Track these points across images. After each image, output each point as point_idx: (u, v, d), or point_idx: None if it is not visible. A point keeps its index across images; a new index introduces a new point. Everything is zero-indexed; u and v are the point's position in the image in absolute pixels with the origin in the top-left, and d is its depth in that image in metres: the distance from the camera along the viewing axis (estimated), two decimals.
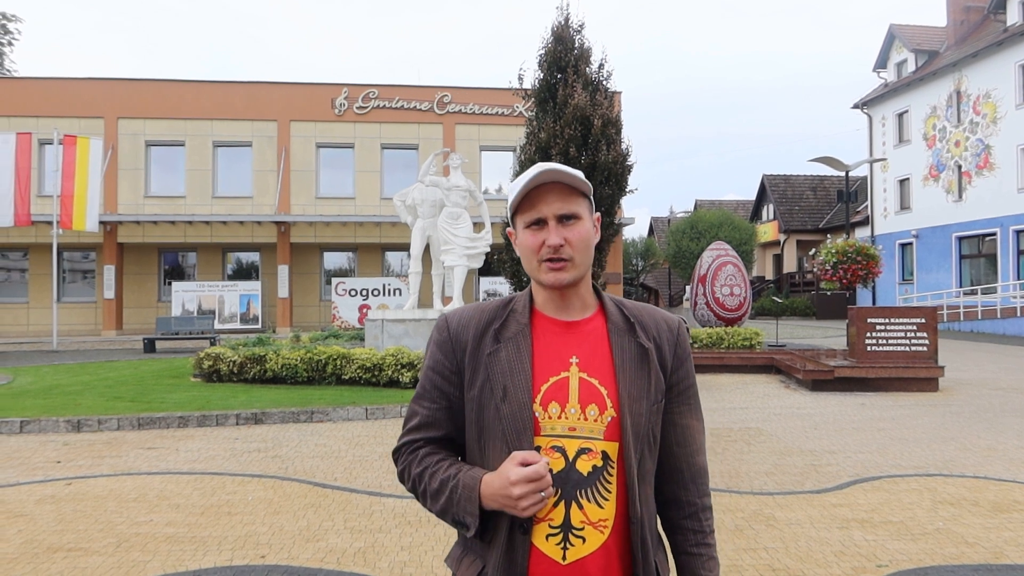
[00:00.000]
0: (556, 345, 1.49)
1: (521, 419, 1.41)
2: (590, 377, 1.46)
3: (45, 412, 9.06)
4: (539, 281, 1.50)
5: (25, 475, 6.47)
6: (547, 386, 1.44)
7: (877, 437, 7.98)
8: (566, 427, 1.42)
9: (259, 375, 11.51)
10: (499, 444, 1.43)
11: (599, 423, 1.43)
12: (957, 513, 5.17)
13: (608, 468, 1.42)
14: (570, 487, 1.40)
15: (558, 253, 1.45)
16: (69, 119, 25.71)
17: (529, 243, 1.48)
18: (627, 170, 14.11)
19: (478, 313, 1.54)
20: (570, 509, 1.40)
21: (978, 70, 26.86)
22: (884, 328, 11.70)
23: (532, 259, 1.48)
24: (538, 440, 1.42)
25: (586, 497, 1.40)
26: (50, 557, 4.39)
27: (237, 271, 28.80)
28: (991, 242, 26.52)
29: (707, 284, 17.26)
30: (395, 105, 27.72)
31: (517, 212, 1.51)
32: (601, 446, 1.42)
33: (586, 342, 1.50)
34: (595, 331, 1.51)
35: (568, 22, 14.53)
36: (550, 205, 1.46)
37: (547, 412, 1.43)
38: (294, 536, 4.74)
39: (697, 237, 34.38)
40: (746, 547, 4.52)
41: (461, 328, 1.52)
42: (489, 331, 1.50)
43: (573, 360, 1.47)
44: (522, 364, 1.45)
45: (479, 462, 1.47)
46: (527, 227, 1.49)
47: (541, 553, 1.39)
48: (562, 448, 1.41)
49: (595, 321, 1.53)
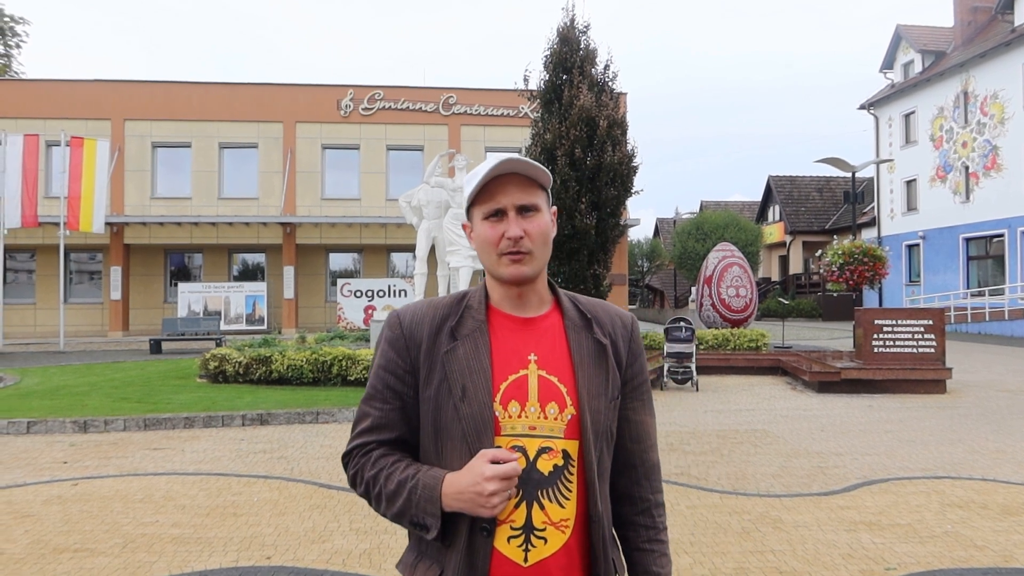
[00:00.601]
0: (514, 342, 1.45)
1: (482, 419, 1.38)
2: (549, 375, 1.43)
3: (52, 413, 9.08)
4: (498, 275, 1.46)
5: (32, 475, 6.49)
6: (506, 384, 1.41)
7: (884, 439, 7.94)
8: (526, 426, 1.39)
9: (265, 376, 11.53)
10: (458, 444, 1.39)
11: (559, 421, 1.40)
12: (966, 516, 5.14)
13: (569, 467, 1.40)
14: (531, 487, 1.37)
15: (518, 246, 1.42)
16: (76, 121, 25.80)
17: (488, 235, 1.44)
18: (633, 171, 14.08)
19: (432, 309, 1.50)
20: (531, 510, 1.37)
21: (986, 71, 26.75)
22: (891, 330, 11.65)
23: (491, 252, 1.44)
24: (498, 440, 1.38)
25: (547, 497, 1.38)
26: (56, 558, 4.39)
27: (243, 272, 28.86)
28: (999, 243, 26.40)
29: (713, 285, 17.22)
30: (400, 106, 27.75)
31: (474, 203, 1.47)
32: (561, 445, 1.40)
33: (544, 339, 1.47)
34: (552, 327, 1.48)
35: (574, 23, 14.52)
36: (510, 196, 1.43)
37: (507, 411, 1.39)
38: (300, 537, 4.74)
39: (703, 238, 34.33)
40: (753, 549, 4.50)
41: (415, 325, 1.47)
42: (444, 328, 1.46)
43: (531, 357, 1.44)
44: (481, 362, 1.41)
45: (435, 463, 1.43)
46: (485, 219, 1.45)
47: (502, 556, 1.36)
48: (523, 448, 1.38)
49: (552, 317, 1.50)
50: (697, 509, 5.32)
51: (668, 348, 12.12)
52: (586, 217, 13.05)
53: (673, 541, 4.65)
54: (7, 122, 24.97)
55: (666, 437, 8.08)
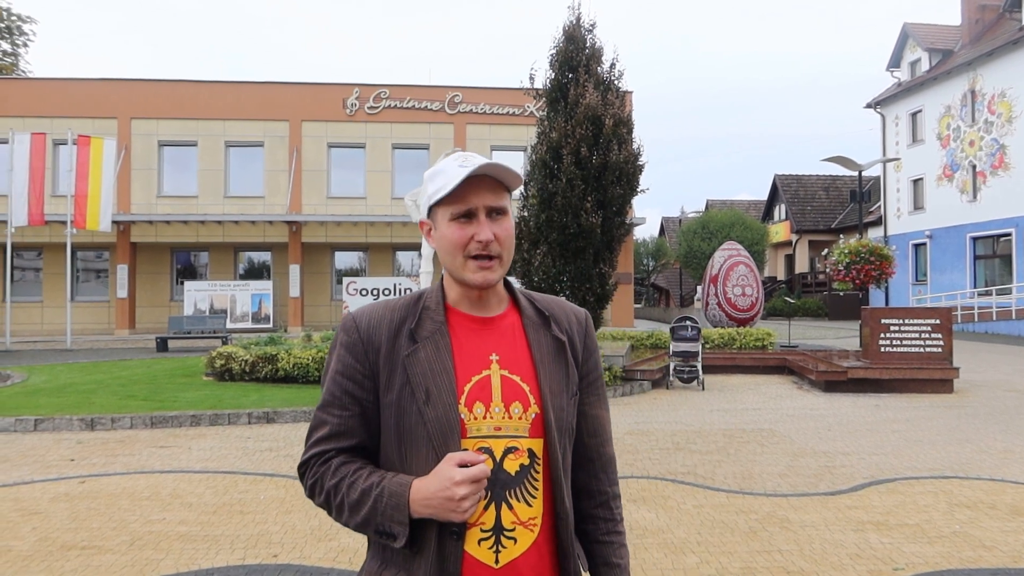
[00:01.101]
0: (475, 343, 1.43)
1: (448, 421, 1.35)
2: (511, 374, 1.41)
3: (59, 410, 9.12)
4: (464, 280, 1.42)
5: (39, 473, 6.51)
6: (470, 386, 1.39)
7: (892, 439, 7.92)
8: (492, 427, 1.38)
9: (271, 374, 11.54)
10: (423, 449, 1.36)
11: (524, 420, 1.39)
12: (974, 516, 5.12)
13: (535, 465, 1.40)
14: (499, 488, 1.36)
15: (487, 249, 1.39)
16: (83, 119, 25.86)
17: (456, 237, 1.40)
18: (639, 170, 14.04)
19: (389, 311, 1.46)
20: (500, 511, 1.36)
21: (993, 69, 26.63)
22: (898, 329, 11.61)
23: (457, 255, 1.41)
24: (465, 443, 1.36)
25: (515, 497, 1.37)
26: (64, 555, 4.40)
27: (249, 270, 28.91)
28: (1006, 242, 26.29)
29: (719, 284, 17.19)
30: (406, 105, 27.75)
31: (441, 203, 1.42)
32: (527, 444, 1.39)
33: (504, 338, 1.45)
34: (511, 327, 1.47)
35: (580, 21, 14.48)
36: (481, 197, 1.39)
37: (472, 413, 1.37)
38: (306, 535, 4.74)
39: (708, 237, 34.27)
40: (760, 549, 4.48)
41: (372, 328, 1.43)
42: (403, 330, 1.42)
43: (493, 357, 1.42)
44: (443, 364, 1.39)
45: (398, 469, 1.39)
46: (453, 219, 1.41)
47: (473, 559, 1.34)
48: (489, 449, 1.37)
49: (510, 316, 1.49)
50: (703, 508, 5.31)
51: (674, 347, 12.11)
52: (592, 216, 13.01)
53: (680, 540, 4.64)
54: (14, 121, 25.04)
55: (672, 436, 8.06)
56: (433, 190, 1.42)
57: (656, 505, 5.40)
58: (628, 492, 5.70)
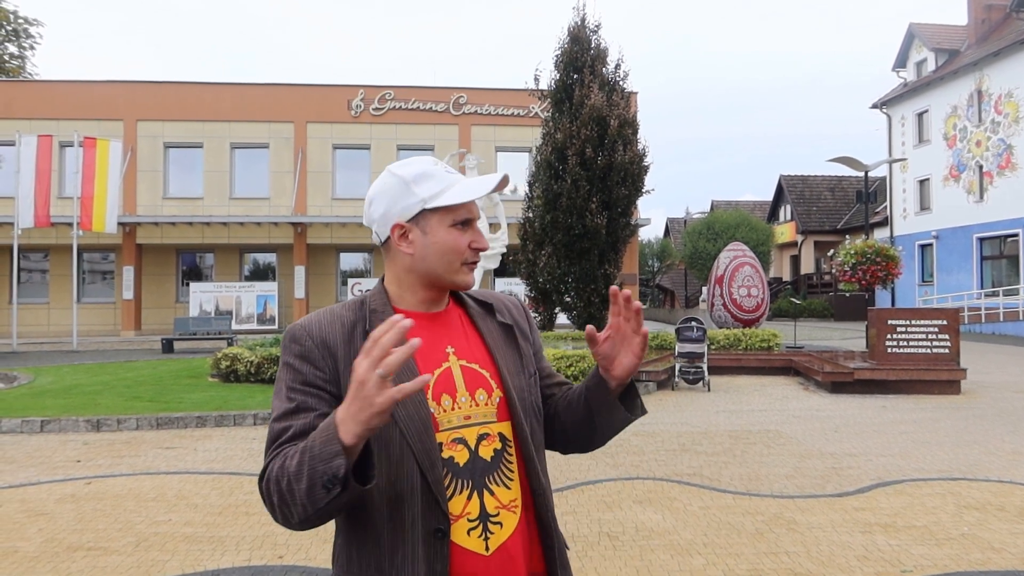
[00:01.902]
0: (429, 338, 1.43)
1: (420, 418, 1.35)
2: (469, 363, 1.45)
3: (65, 412, 9.13)
4: (453, 282, 1.47)
5: (46, 474, 6.52)
6: (433, 380, 1.40)
7: (899, 440, 7.88)
8: (461, 416, 1.40)
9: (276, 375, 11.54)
10: (396, 450, 1.33)
11: (490, 406, 1.43)
12: (982, 518, 5.09)
13: (507, 448, 1.43)
14: (479, 476, 1.38)
15: (477, 256, 1.48)
16: (89, 121, 25.95)
17: (455, 243, 1.44)
18: (643, 171, 14.05)
19: (336, 317, 1.44)
20: (483, 498, 1.37)
21: (1000, 69, 26.54)
22: (905, 330, 11.56)
23: (455, 260, 1.44)
24: (439, 436, 1.37)
25: (495, 482, 1.39)
26: (70, 556, 4.41)
27: (254, 272, 28.96)
28: (1013, 243, 26.18)
29: (724, 285, 17.14)
30: (411, 106, 27.79)
31: (439, 209, 1.42)
32: (496, 428, 1.43)
33: (455, 331, 1.49)
34: (458, 319, 1.52)
35: (584, 22, 14.49)
36: (475, 207, 1.48)
37: (441, 406, 1.39)
38: (311, 536, 4.74)
39: (714, 238, 34.22)
40: (767, 551, 4.46)
41: (325, 334, 1.40)
42: (356, 333, 1.41)
43: (449, 350, 1.45)
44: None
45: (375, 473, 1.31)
46: (453, 226, 1.44)
47: (464, 550, 1.34)
48: (463, 439, 1.39)
49: (455, 310, 1.54)
50: (710, 510, 5.29)
51: (679, 348, 12.08)
52: (597, 217, 13.01)
53: (686, 542, 4.62)
54: (21, 123, 25.14)
55: (678, 438, 8.04)
56: (429, 194, 1.42)
57: (662, 507, 5.38)
58: (634, 493, 5.68)
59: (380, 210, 1.46)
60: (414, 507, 1.33)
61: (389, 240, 1.46)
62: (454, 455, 1.38)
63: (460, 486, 1.37)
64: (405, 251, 1.44)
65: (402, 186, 1.44)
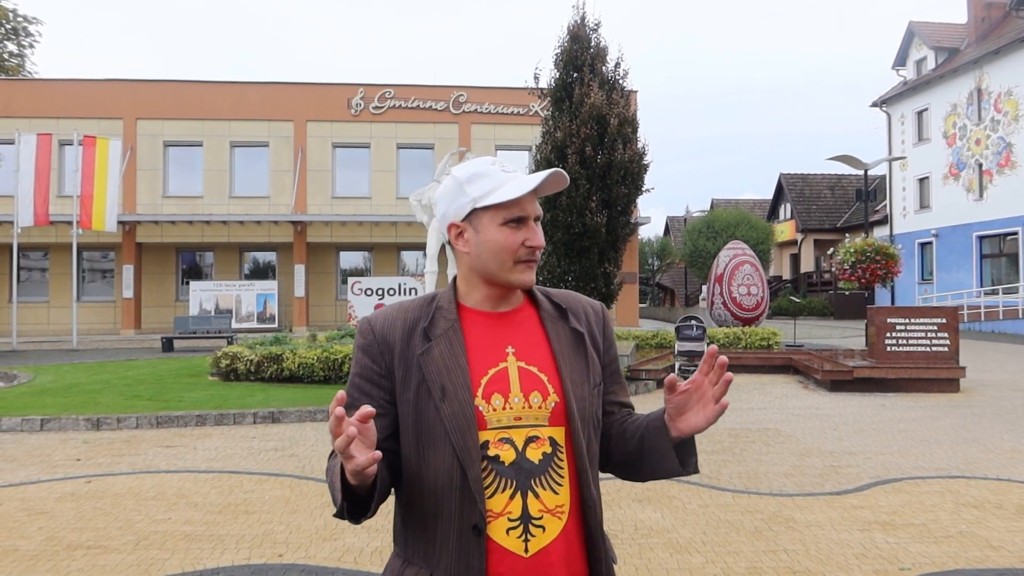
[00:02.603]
0: (489, 337, 1.46)
1: (464, 416, 1.37)
2: (528, 365, 1.45)
3: (65, 410, 9.14)
4: (508, 281, 1.46)
5: (46, 473, 6.53)
6: (486, 379, 1.41)
7: (898, 438, 7.89)
8: (511, 417, 1.40)
9: (276, 374, 11.56)
10: (441, 445, 1.37)
11: (543, 410, 1.42)
12: (981, 516, 5.10)
13: (558, 454, 1.41)
14: (524, 477, 1.38)
15: (533, 255, 1.45)
16: (89, 120, 25.94)
17: (507, 242, 1.44)
18: (643, 169, 14.03)
19: (402, 312, 1.50)
20: (527, 499, 1.37)
21: (999, 67, 26.53)
22: (904, 328, 11.57)
23: (507, 259, 1.44)
24: (485, 434, 1.38)
25: (541, 485, 1.38)
26: (70, 554, 4.41)
27: (254, 270, 28.96)
28: (1013, 241, 26.19)
29: (724, 284, 17.15)
30: (411, 105, 27.78)
31: (491, 207, 1.43)
32: (548, 432, 1.41)
33: (520, 331, 1.49)
34: (527, 320, 1.51)
35: (584, 21, 14.47)
36: (532, 205, 1.45)
37: (491, 405, 1.40)
38: (311, 535, 4.75)
39: (713, 236, 34.23)
40: (766, 549, 4.47)
41: (387, 330, 1.47)
42: (417, 330, 1.46)
43: (509, 350, 1.45)
44: (457, 360, 1.41)
45: (416, 467, 1.40)
46: (505, 224, 1.44)
47: (503, 549, 1.35)
48: (510, 439, 1.39)
49: (526, 311, 1.52)
50: (709, 508, 5.30)
51: (679, 347, 12.08)
52: (596, 215, 13.00)
53: (685, 540, 4.63)
54: (21, 121, 25.12)
55: None
56: (479, 193, 1.44)
57: (661, 505, 5.39)
58: (633, 491, 5.69)
59: (440, 211, 1.52)
60: (453, 501, 1.37)
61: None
62: (500, 453, 1.38)
63: (503, 485, 1.37)
64: (462, 250, 1.49)
65: (457, 187, 1.47)
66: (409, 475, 1.43)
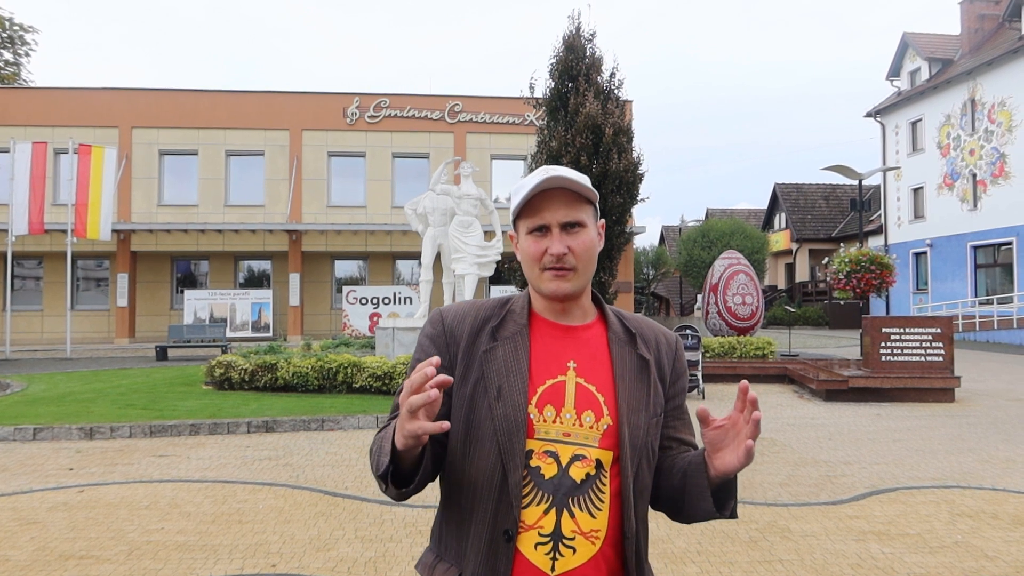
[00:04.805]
0: (554, 348, 1.45)
1: (515, 420, 1.36)
2: (587, 383, 1.42)
3: (58, 419, 9.09)
4: (539, 290, 1.46)
5: (38, 482, 6.49)
6: (543, 388, 1.40)
7: (893, 448, 7.89)
8: (560, 432, 1.38)
9: (270, 383, 11.52)
10: (488, 444, 1.37)
11: (595, 430, 1.39)
12: (976, 526, 5.09)
13: (602, 477, 1.38)
14: (562, 494, 1.35)
15: (561, 262, 1.41)
16: (84, 128, 25.94)
17: (531, 250, 1.44)
18: (638, 179, 14.09)
19: (474, 310, 1.50)
20: (561, 517, 1.34)
21: (993, 78, 26.70)
22: (899, 338, 11.59)
23: (534, 267, 1.44)
24: (531, 443, 1.37)
25: (578, 505, 1.35)
26: (62, 564, 4.38)
27: (249, 279, 28.92)
28: (1007, 251, 26.29)
29: (719, 293, 17.17)
30: (406, 114, 27.83)
31: (520, 216, 1.46)
32: (595, 454, 1.38)
33: (585, 348, 1.46)
34: (594, 338, 1.48)
35: (580, 31, 14.54)
36: (554, 212, 1.42)
37: (542, 415, 1.38)
38: (305, 545, 4.72)
39: (708, 246, 34.27)
40: (761, 559, 4.46)
41: (456, 323, 1.48)
42: (486, 328, 1.46)
43: (571, 364, 1.43)
44: (519, 364, 1.41)
45: (460, 464, 1.41)
46: (529, 233, 1.45)
47: (528, 562, 1.34)
48: (555, 453, 1.37)
49: (595, 328, 1.50)
50: None
51: None
52: None
53: (680, 550, 4.62)
54: (16, 130, 25.10)
55: None
56: (513, 205, 1.47)
57: (656, 514, 5.36)
58: None
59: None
60: (490, 503, 1.36)
61: None
62: (542, 465, 1.37)
63: (539, 497, 1.36)
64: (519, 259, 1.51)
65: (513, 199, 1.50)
66: (453, 471, 1.43)
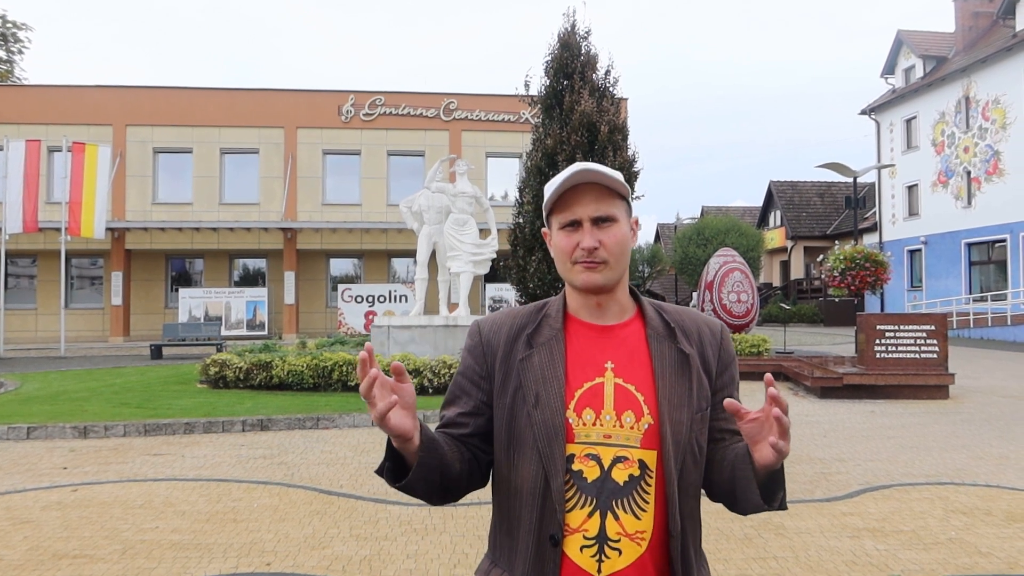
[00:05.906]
0: (591, 350, 1.44)
1: (553, 426, 1.36)
2: (626, 383, 1.40)
3: (52, 418, 9.07)
4: (572, 283, 1.46)
5: (32, 481, 6.46)
6: (581, 392, 1.40)
7: (887, 445, 7.91)
8: (601, 434, 1.37)
9: (265, 381, 11.50)
10: (529, 452, 1.38)
11: (635, 431, 1.37)
12: (970, 522, 5.11)
13: (646, 478, 1.37)
14: (606, 496, 1.34)
15: (592, 256, 1.41)
16: (78, 126, 25.85)
17: (563, 245, 1.44)
18: (634, 176, 14.06)
19: (510, 319, 1.52)
20: (605, 520, 1.34)
21: (987, 76, 26.76)
22: (894, 335, 11.61)
23: (566, 261, 1.45)
24: (572, 448, 1.37)
25: (622, 508, 1.34)
26: (56, 564, 4.37)
27: (244, 278, 28.88)
28: (1001, 248, 26.37)
29: (714, 291, 17.19)
30: (401, 112, 27.80)
31: (552, 212, 1.47)
32: (638, 454, 1.37)
33: (622, 347, 1.45)
34: (632, 336, 1.46)
35: (575, 28, 14.51)
36: (585, 207, 1.42)
37: (581, 419, 1.38)
38: (299, 543, 4.71)
39: (704, 243, 34.29)
40: (755, 556, 4.47)
41: (492, 333, 1.50)
42: (522, 336, 1.47)
43: (608, 365, 1.42)
44: (555, 370, 1.41)
45: (506, 473, 1.43)
46: (561, 228, 1.45)
47: (575, 565, 1.34)
48: (597, 456, 1.36)
49: (632, 325, 1.48)
50: None
51: None
52: None
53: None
54: (9, 128, 25.01)
55: None
56: (545, 201, 1.48)
57: None
58: None
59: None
60: (535, 509, 1.37)
61: None
62: (584, 469, 1.36)
63: (583, 501, 1.35)
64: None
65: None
66: (500, 480, 1.46)
